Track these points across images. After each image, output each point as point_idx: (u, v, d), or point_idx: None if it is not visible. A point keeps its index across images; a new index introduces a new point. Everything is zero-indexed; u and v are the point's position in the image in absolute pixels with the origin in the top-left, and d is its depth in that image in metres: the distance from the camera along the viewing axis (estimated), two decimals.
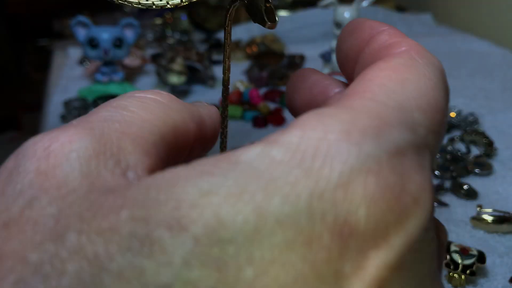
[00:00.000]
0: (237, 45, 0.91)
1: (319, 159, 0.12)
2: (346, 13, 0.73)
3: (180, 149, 0.16)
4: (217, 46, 0.93)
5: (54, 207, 0.12)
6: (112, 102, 0.15)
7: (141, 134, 0.14)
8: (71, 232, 0.11)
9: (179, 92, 0.73)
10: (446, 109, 0.15)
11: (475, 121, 0.59)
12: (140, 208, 0.11)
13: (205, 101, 0.69)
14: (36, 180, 0.12)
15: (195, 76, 0.75)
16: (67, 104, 0.67)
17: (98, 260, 0.11)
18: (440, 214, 0.44)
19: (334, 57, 0.76)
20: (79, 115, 0.64)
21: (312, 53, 0.86)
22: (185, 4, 0.19)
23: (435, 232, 0.14)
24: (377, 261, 0.11)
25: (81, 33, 0.70)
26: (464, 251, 0.36)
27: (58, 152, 0.13)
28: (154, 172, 0.13)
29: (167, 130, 0.15)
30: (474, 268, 0.36)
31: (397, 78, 0.14)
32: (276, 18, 0.19)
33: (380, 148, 0.12)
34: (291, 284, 0.11)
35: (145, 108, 0.15)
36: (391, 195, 0.12)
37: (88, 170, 0.12)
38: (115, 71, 0.72)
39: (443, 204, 0.45)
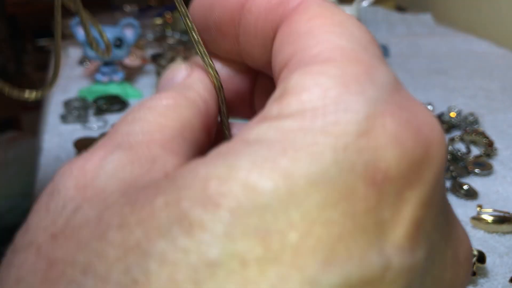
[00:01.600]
0: None
1: (330, 116, 0.12)
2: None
3: (200, 140, 0.16)
4: None
5: (96, 210, 0.12)
6: (127, 116, 0.15)
7: (165, 139, 0.14)
8: (113, 227, 0.11)
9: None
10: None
11: (475, 121, 0.59)
12: (172, 193, 0.11)
13: None
14: (77, 193, 0.13)
15: None
16: (67, 104, 0.67)
17: (141, 248, 0.11)
18: None
19: None
20: (79, 115, 0.64)
21: None
22: None
23: None
24: (413, 201, 0.11)
25: (81, 33, 0.70)
26: None
27: (94, 167, 0.13)
28: None
29: (184, 129, 0.15)
30: (474, 268, 0.36)
31: (333, 22, 0.14)
32: None
33: (380, 90, 0.12)
34: (335, 241, 0.11)
35: (159, 115, 0.15)
36: (411, 129, 0.12)
37: (124, 175, 0.13)
38: (115, 71, 0.72)
39: None
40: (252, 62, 0.17)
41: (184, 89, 0.17)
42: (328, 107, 0.12)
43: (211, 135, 0.17)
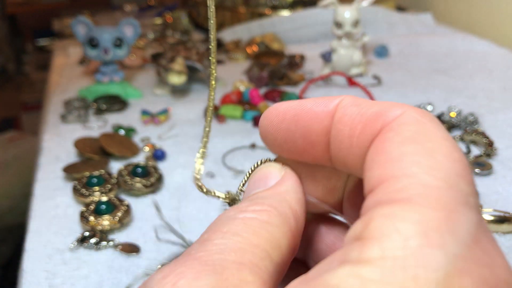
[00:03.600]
0: (237, 45, 0.91)
1: (410, 270, 0.12)
2: (346, 13, 0.73)
3: (284, 260, 0.16)
4: (217, 46, 0.93)
5: None
6: (222, 227, 0.16)
7: (255, 262, 0.15)
8: None
9: (179, 91, 0.73)
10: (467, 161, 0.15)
11: (475, 121, 0.59)
12: None
13: (204, 101, 0.68)
14: None
15: (195, 76, 0.75)
16: (67, 104, 0.67)
17: None
18: None
19: (334, 56, 0.76)
20: (79, 115, 0.64)
21: (312, 53, 0.86)
22: None
23: None
24: None
25: (81, 33, 0.70)
26: None
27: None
28: None
29: (273, 250, 0.15)
30: None
31: (424, 150, 0.14)
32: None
33: (461, 244, 0.12)
34: None
35: (252, 232, 0.15)
36: None
37: None
38: (115, 71, 0.72)
39: None
40: (345, 167, 0.17)
41: (278, 201, 0.17)
42: (409, 259, 0.12)
43: (295, 252, 0.17)
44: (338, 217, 0.20)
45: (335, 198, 0.19)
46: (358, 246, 0.13)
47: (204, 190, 0.19)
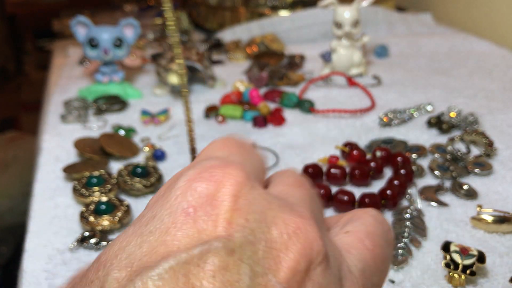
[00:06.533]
0: (237, 45, 0.91)
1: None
2: (346, 13, 0.73)
3: None
4: (217, 46, 0.93)
5: None
6: None
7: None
8: None
9: (179, 92, 0.73)
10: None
11: (475, 121, 0.59)
12: None
13: (204, 101, 0.68)
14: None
15: (195, 76, 0.75)
16: (67, 104, 0.67)
17: None
18: (440, 214, 0.44)
19: (334, 56, 0.76)
20: (79, 115, 0.64)
21: (312, 53, 0.86)
22: None
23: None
24: (220, 211, 0.16)
25: (81, 33, 0.70)
26: (464, 251, 0.36)
27: None
28: None
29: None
30: (474, 268, 0.36)
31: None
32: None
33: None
34: None
35: None
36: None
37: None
38: (115, 71, 0.72)
39: (443, 204, 0.45)
40: None
41: None
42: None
43: None
44: None
45: None
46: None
47: None
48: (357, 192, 0.45)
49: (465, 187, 0.47)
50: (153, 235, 0.15)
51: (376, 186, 0.48)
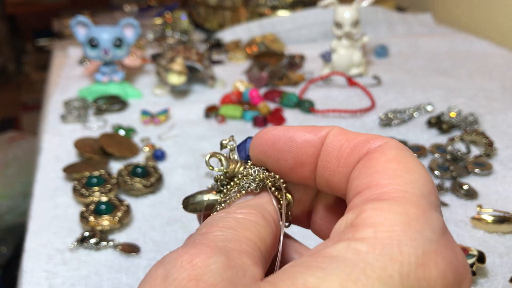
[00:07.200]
0: (237, 45, 0.91)
1: (396, 247, 0.15)
2: (346, 13, 0.73)
3: (269, 254, 0.20)
4: (217, 46, 0.93)
5: None
6: (218, 223, 0.19)
7: (249, 251, 0.18)
8: None
9: (179, 92, 0.73)
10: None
11: (475, 121, 0.59)
12: None
13: (204, 101, 0.68)
14: (191, 284, 0.16)
15: (195, 76, 0.75)
16: (67, 104, 0.67)
17: None
18: None
19: (334, 56, 0.76)
20: (79, 115, 0.64)
21: (312, 53, 0.86)
22: None
23: None
24: None
25: (81, 33, 0.70)
26: (464, 251, 0.36)
27: (201, 264, 0.16)
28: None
29: (261, 244, 0.19)
30: (474, 268, 0.36)
31: (405, 168, 0.18)
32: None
33: (434, 232, 0.16)
34: None
35: (244, 228, 0.19)
36: (453, 268, 0.16)
37: (227, 276, 0.16)
38: (115, 71, 0.72)
39: (443, 204, 0.45)
40: (328, 186, 0.20)
41: (260, 208, 0.20)
42: (395, 239, 0.15)
43: (273, 252, 0.21)
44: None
45: (299, 210, 0.24)
46: (352, 230, 0.16)
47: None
48: None
49: (465, 187, 0.47)
50: None
51: None
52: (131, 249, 0.41)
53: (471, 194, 0.46)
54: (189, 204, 0.23)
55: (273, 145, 0.21)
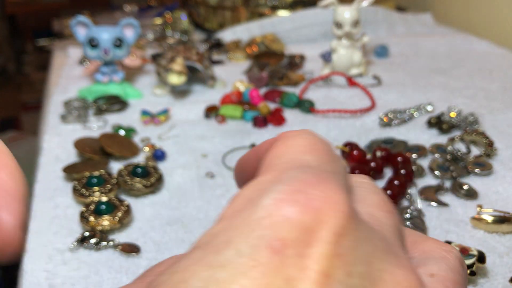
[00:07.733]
0: (237, 45, 0.91)
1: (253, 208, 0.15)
2: (346, 13, 0.73)
3: None
4: (217, 46, 0.93)
5: None
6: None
7: None
8: None
9: (179, 92, 0.73)
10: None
11: (475, 121, 0.59)
12: None
13: (204, 101, 0.69)
14: None
15: (195, 76, 0.75)
16: (67, 104, 0.67)
17: None
18: (440, 214, 0.44)
19: (334, 56, 0.76)
20: (79, 115, 0.64)
21: (312, 53, 0.86)
22: None
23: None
24: (316, 255, 0.13)
25: (81, 33, 0.70)
26: (464, 251, 0.36)
27: None
28: None
29: None
30: (474, 268, 0.36)
31: (294, 147, 0.18)
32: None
33: (289, 184, 0.15)
34: None
35: None
36: (299, 206, 0.14)
37: None
38: (115, 71, 0.72)
39: (443, 204, 0.45)
40: None
41: None
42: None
43: None
44: None
45: None
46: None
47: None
48: None
49: (465, 187, 0.47)
50: (225, 271, 0.12)
51: None
52: (131, 249, 0.41)
53: (471, 194, 0.46)
54: None
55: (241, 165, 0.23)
